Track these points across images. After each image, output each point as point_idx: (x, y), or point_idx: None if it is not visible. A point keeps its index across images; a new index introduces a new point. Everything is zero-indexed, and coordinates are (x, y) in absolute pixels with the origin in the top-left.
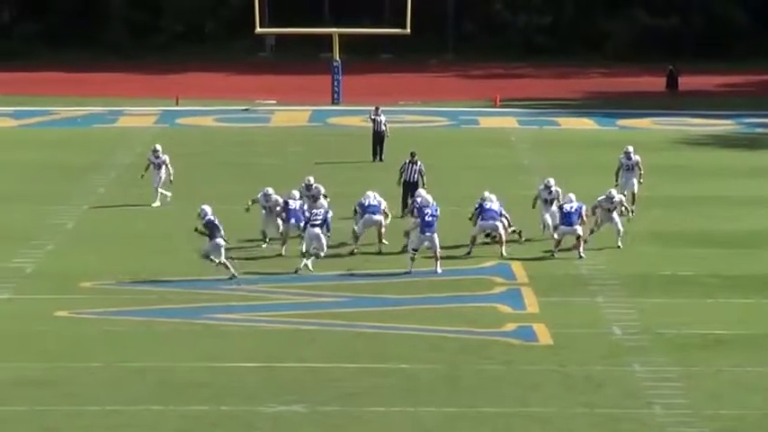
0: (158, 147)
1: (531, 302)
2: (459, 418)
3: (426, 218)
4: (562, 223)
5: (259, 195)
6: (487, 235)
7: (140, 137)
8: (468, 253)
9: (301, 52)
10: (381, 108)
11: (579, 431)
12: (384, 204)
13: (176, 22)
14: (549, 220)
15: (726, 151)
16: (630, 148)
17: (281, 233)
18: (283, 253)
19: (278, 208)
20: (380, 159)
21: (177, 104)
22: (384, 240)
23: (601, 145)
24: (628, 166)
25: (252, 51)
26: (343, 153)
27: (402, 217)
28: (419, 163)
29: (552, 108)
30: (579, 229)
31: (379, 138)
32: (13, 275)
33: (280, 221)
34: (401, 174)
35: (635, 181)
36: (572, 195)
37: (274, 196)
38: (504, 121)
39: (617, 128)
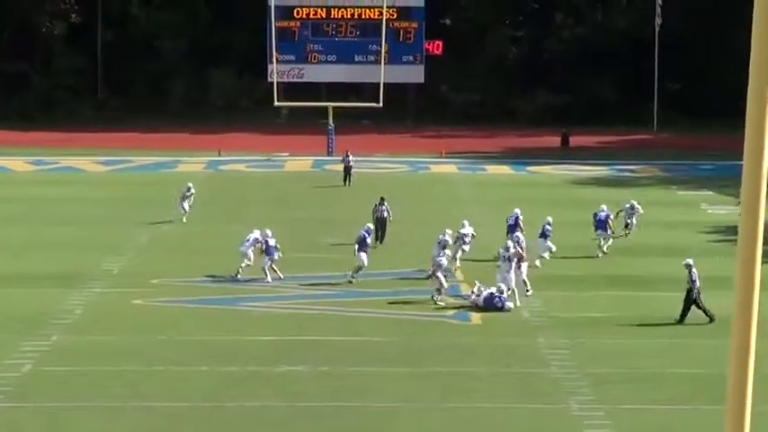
0: (190, 184)
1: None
2: (416, 375)
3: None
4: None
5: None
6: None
7: (193, 179)
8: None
9: (306, 119)
10: (356, 156)
11: (501, 383)
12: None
13: (220, 98)
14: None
15: (602, 188)
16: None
17: None
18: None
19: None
20: (349, 185)
21: (219, 155)
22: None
23: (515, 184)
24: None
25: (271, 118)
26: (331, 184)
27: (375, 247)
28: (386, 204)
29: (481, 159)
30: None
31: (348, 170)
32: (104, 275)
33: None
34: (373, 213)
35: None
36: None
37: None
38: (448, 168)
39: (526, 172)
